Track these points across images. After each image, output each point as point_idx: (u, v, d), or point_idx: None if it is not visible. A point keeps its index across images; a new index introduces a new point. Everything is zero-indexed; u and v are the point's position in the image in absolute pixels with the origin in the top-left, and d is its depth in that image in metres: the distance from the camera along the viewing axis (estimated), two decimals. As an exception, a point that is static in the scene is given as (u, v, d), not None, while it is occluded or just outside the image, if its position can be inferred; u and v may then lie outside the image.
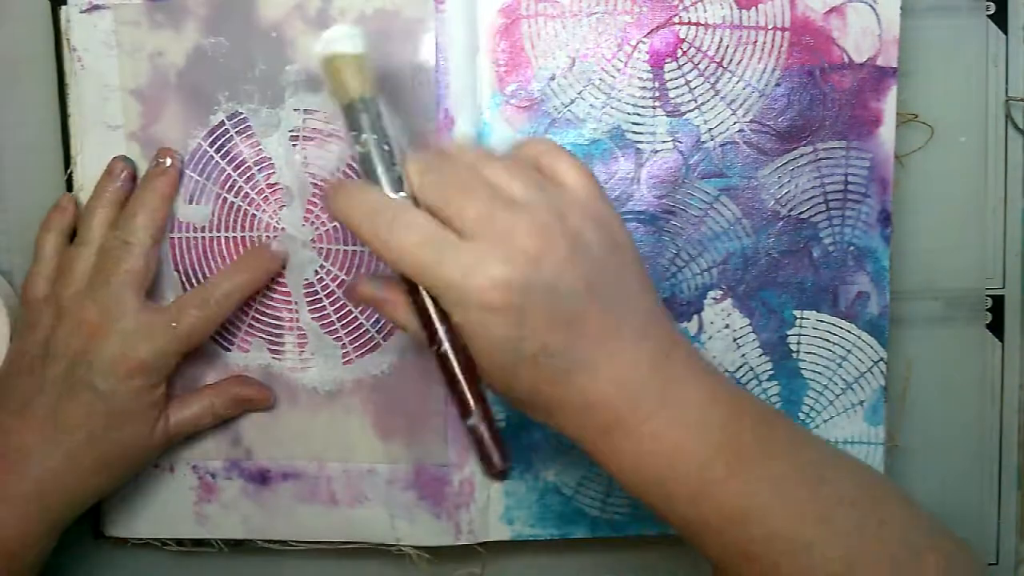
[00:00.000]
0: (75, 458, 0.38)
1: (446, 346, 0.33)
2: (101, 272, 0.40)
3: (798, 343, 0.43)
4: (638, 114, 0.42)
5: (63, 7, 0.42)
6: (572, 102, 0.42)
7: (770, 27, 0.42)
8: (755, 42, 0.42)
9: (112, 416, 0.39)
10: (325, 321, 0.43)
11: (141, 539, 0.45)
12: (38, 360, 0.39)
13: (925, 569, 0.32)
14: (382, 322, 0.43)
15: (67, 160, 0.43)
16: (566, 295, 0.32)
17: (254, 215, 0.43)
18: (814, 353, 0.43)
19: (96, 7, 0.42)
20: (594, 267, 0.32)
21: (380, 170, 0.34)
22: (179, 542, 0.45)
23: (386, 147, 0.34)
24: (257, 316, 0.43)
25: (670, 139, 0.42)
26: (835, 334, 0.43)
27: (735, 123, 0.42)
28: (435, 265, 0.31)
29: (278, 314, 0.43)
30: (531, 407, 0.34)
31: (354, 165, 0.42)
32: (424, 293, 0.33)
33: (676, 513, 0.33)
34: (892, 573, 0.32)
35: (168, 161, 0.42)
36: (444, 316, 0.33)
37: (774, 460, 0.33)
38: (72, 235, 0.42)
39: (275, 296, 0.43)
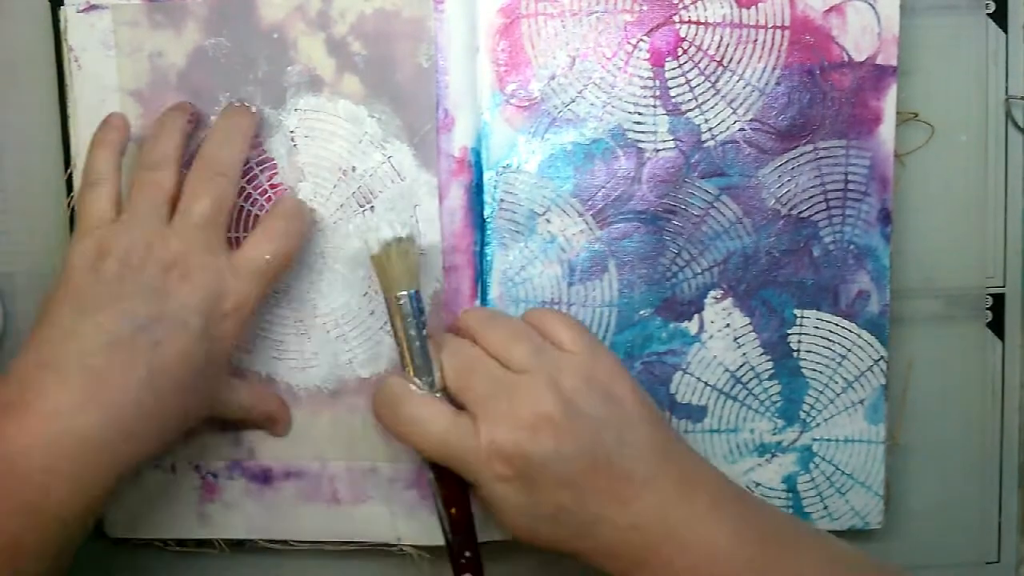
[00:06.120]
0: (160, 393, 0.35)
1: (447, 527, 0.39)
2: (198, 212, 0.38)
3: (799, 342, 0.43)
4: (639, 113, 0.42)
5: (62, 7, 0.42)
6: (572, 101, 0.42)
7: (770, 26, 0.42)
8: (755, 41, 0.42)
9: (199, 357, 0.36)
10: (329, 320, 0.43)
11: (143, 539, 0.45)
12: (120, 293, 0.36)
13: None
14: (384, 320, 0.43)
15: (67, 160, 0.43)
16: (568, 457, 0.35)
17: (257, 215, 0.43)
18: (815, 352, 0.43)
19: (94, 7, 0.42)
20: (592, 425, 0.35)
21: (413, 360, 0.38)
22: (181, 542, 0.45)
23: (419, 340, 0.38)
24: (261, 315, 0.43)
25: (671, 138, 0.42)
26: (835, 333, 0.43)
27: (735, 122, 0.42)
28: (454, 449, 0.36)
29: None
30: (560, 552, 0.36)
31: (353, 169, 0.42)
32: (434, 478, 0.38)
33: None
34: None
35: (253, 108, 0.42)
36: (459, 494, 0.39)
37: None
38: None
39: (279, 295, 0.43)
